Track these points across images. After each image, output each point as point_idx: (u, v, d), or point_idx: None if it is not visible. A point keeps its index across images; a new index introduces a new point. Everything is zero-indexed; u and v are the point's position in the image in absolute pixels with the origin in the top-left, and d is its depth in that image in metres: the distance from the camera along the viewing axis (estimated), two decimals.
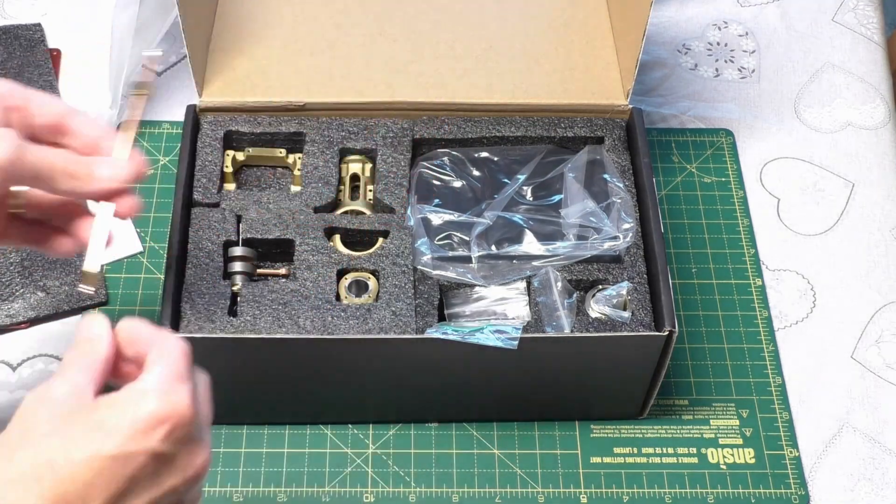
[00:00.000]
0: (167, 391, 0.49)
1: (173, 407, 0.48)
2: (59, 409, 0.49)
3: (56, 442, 0.47)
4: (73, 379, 0.50)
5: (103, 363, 0.51)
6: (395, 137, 0.82)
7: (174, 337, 0.52)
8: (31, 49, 0.98)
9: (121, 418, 0.48)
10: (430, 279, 0.77)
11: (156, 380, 0.49)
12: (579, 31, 0.89)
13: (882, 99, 1.01)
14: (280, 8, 0.90)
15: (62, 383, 0.50)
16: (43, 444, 0.47)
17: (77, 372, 0.50)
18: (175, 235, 0.75)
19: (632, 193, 0.80)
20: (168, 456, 0.48)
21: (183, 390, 0.49)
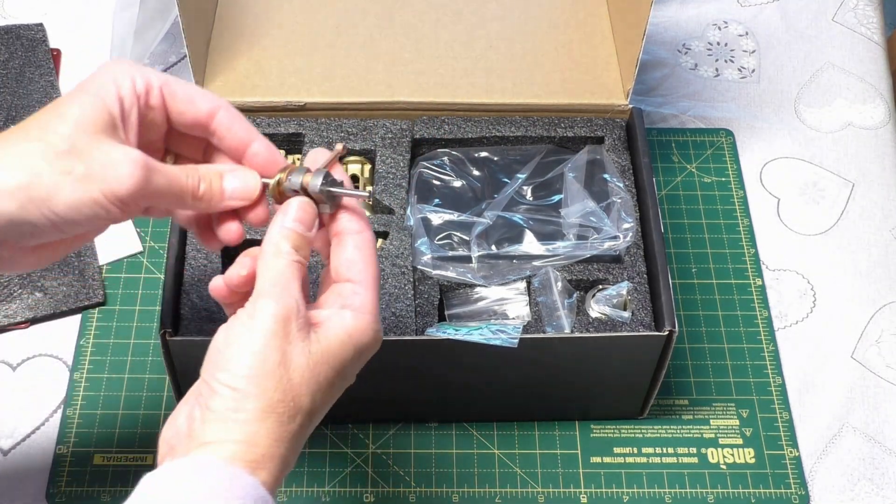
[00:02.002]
0: (377, 327, 0.56)
1: (378, 340, 0.56)
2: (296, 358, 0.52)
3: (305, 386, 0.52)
4: (302, 310, 0.53)
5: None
6: (395, 138, 0.82)
7: (371, 247, 0.57)
8: (32, 49, 0.98)
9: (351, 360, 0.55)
10: (430, 279, 0.77)
11: (368, 314, 0.55)
12: (579, 31, 0.89)
13: (882, 99, 1.01)
14: (280, 8, 0.90)
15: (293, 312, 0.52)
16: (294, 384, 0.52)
17: (302, 295, 0.54)
18: (174, 236, 0.75)
19: (632, 193, 0.80)
20: None
21: (380, 321, 0.56)
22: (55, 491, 0.77)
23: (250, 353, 0.51)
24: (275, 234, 0.55)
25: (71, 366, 0.83)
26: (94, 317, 0.85)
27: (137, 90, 0.55)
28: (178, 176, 0.55)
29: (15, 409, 0.81)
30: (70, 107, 0.53)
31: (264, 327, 0.51)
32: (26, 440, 0.79)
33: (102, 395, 0.81)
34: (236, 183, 0.57)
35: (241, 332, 0.52)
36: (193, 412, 0.51)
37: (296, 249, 0.54)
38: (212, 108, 0.57)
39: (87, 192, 0.52)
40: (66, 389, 0.81)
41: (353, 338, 0.54)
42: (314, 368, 0.52)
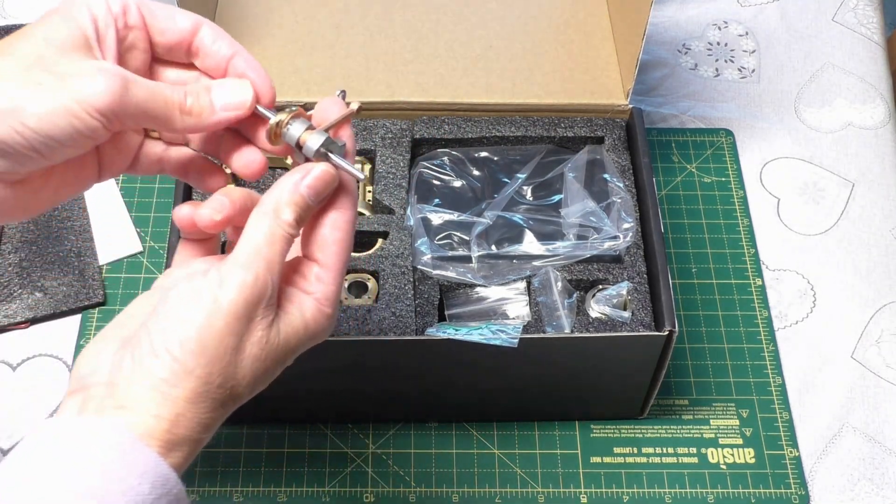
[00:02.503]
0: (331, 318, 0.52)
1: (328, 331, 0.53)
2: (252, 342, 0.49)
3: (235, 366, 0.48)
4: (273, 297, 0.50)
5: None
6: (395, 138, 0.82)
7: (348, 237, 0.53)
8: None
9: (299, 349, 0.51)
10: (430, 279, 0.77)
11: (326, 304, 0.52)
12: (579, 31, 0.89)
13: (882, 99, 1.01)
14: (280, 8, 0.90)
15: (264, 296, 0.49)
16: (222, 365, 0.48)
17: (278, 279, 0.50)
18: (175, 236, 0.75)
19: (632, 193, 0.80)
20: None
21: (336, 313, 0.53)
22: None
23: (207, 329, 0.47)
24: (283, 194, 0.50)
25: (71, 366, 0.83)
26: (94, 317, 0.85)
27: (113, 10, 0.51)
28: (160, 89, 0.51)
29: (15, 409, 0.81)
30: (38, 27, 0.49)
31: (231, 307, 0.47)
32: None
33: None
34: (226, 94, 0.52)
35: (205, 299, 0.47)
36: (123, 359, 0.47)
37: (297, 221, 0.50)
38: (194, 24, 0.53)
39: (60, 102, 0.47)
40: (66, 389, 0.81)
41: (309, 329, 0.51)
42: (265, 361, 0.49)
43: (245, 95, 0.52)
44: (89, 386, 0.47)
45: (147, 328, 0.47)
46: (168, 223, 0.79)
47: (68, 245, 0.87)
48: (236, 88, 0.52)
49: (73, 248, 0.87)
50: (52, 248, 0.86)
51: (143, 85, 0.50)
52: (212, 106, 0.52)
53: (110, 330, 0.50)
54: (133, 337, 0.48)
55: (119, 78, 0.48)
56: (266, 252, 0.49)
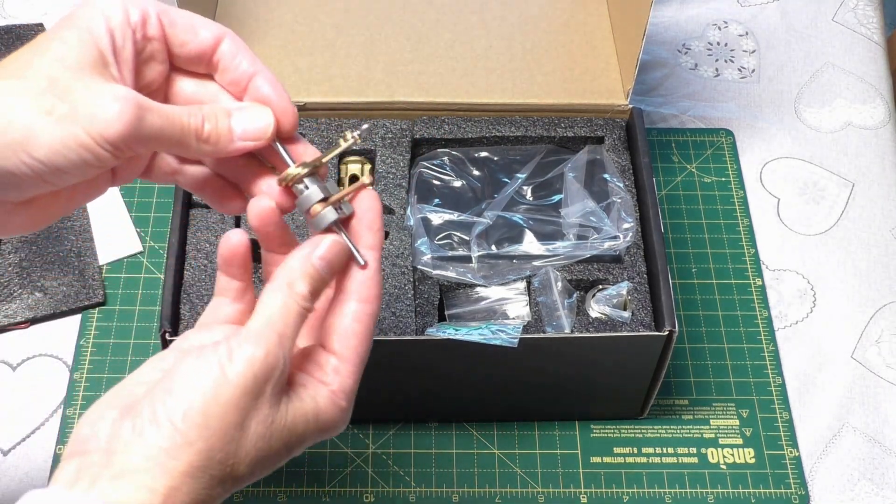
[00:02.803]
0: (345, 414, 0.50)
1: (339, 429, 0.51)
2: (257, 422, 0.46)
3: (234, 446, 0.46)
4: (284, 375, 0.47)
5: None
6: (395, 138, 0.82)
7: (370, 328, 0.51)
8: None
9: (307, 439, 0.49)
10: (430, 279, 0.77)
11: (340, 399, 0.50)
12: (579, 31, 0.89)
13: (882, 99, 1.01)
14: (279, 8, 0.90)
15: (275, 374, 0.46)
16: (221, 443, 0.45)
17: (289, 358, 0.48)
18: (174, 236, 0.75)
19: (632, 193, 0.80)
20: None
21: (347, 405, 0.51)
22: None
23: (213, 402, 0.44)
24: (295, 266, 0.49)
25: (71, 366, 0.83)
26: (94, 317, 0.85)
27: (131, 21, 0.49)
28: (177, 115, 0.48)
29: (15, 409, 0.81)
30: (52, 42, 0.47)
31: (238, 381, 0.45)
32: (26, 440, 0.79)
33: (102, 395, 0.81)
34: (246, 121, 0.50)
35: (213, 371, 0.45)
36: (122, 427, 0.45)
37: (311, 294, 0.48)
38: (216, 36, 0.51)
39: (70, 133, 0.45)
40: (66, 389, 0.81)
41: (319, 421, 0.48)
42: (268, 441, 0.46)
43: (266, 124, 0.50)
44: (88, 451, 0.45)
45: (151, 397, 0.45)
46: (168, 223, 0.79)
47: (68, 245, 0.87)
48: (257, 116, 0.50)
49: (73, 248, 0.87)
50: (52, 248, 0.86)
51: (159, 112, 0.48)
52: (230, 133, 0.50)
53: (115, 393, 0.48)
54: (136, 405, 0.45)
55: (134, 107, 0.46)
56: (279, 326, 0.47)
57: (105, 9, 0.48)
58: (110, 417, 0.46)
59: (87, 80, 0.46)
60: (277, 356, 0.46)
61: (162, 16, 0.50)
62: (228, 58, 0.51)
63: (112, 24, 0.48)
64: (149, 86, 0.51)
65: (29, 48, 0.48)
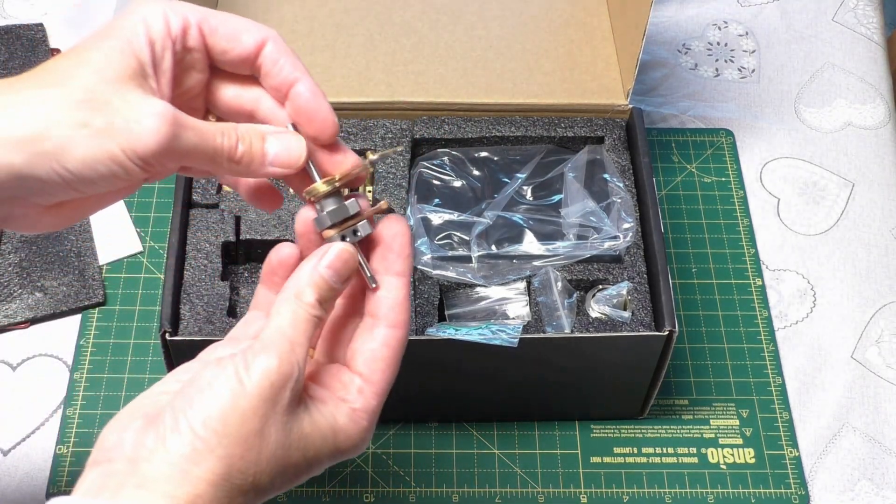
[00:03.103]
0: (366, 439, 0.50)
1: (358, 451, 0.50)
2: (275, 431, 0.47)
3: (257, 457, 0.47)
4: (300, 384, 0.48)
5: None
6: (395, 138, 0.82)
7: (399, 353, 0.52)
8: (32, 49, 0.98)
9: (326, 457, 0.49)
10: (430, 279, 0.77)
11: (363, 423, 0.50)
12: (579, 31, 0.89)
13: (882, 99, 1.01)
14: (280, 8, 0.90)
15: (290, 383, 0.47)
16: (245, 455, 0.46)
17: (304, 367, 0.48)
18: (175, 236, 0.75)
19: (632, 193, 0.80)
20: None
21: (370, 436, 0.51)
22: (55, 491, 0.77)
23: (231, 409, 0.45)
24: (303, 277, 0.49)
25: (71, 366, 0.83)
26: (94, 317, 0.85)
27: (172, 31, 0.49)
28: (211, 134, 0.49)
29: (15, 409, 0.81)
30: (93, 52, 0.47)
31: (255, 390, 0.46)
32: (26, 440, 0.79)
33: (102, 395, 0.81)
34: (279, 148, 0.50)
35: (231, 381, 0.46)
36: (146, 435, 0.45)
37: (320, 302, 0.49)
38: (258, 41, 0.51)
39: (104, 148, 0.46)
40: (66, 389, 0.81)
41: (338, 438, 0.49)
42: (287, 450, 0.47)
43: (298, 155, 0.50)
44: (112, 460, 0.45)
45: (172, 406, 0.46)
46: (168, 223, 0.79)
47: (68, 245, 0.87)
48: (292, 145, 0.51)
49: (73, 248, 0.87)
50: (52, 248, 0.86)
51: (194, 129, 0.48)
52: (263, 158, 0.50)
53: (139, 403, 0.48)
54: (160, 414, 0.46)
55: (170, 124, 0.47)
56: (290, 334, 0.47)
57: (146, 18, 0.49)
58: (135, 427, 0.46)
59: (124, 93, 0.47)
60: (291, 364, 0.47)
61: (202, 24, 0.50)
62: (270, 63, 0.51)
63: (153, 34, 0.48)
64: (188, 92, 0.52)
65: (69, 56, 0.48)
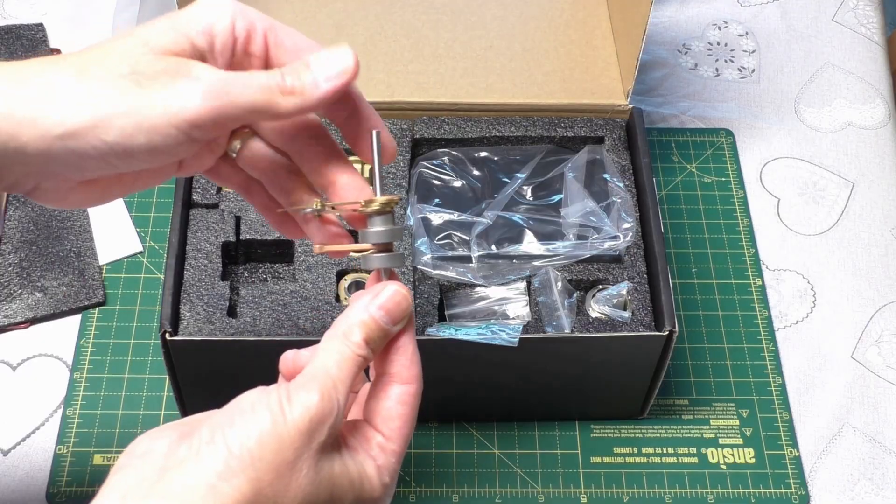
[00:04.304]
0: (388, 489, 0.50)
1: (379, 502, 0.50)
2: (306, 467, 0.46)
3: None
4: (338, 425, 0.48)
5: None
6: (395, 138, 0.82)
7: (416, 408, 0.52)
8: (32, 49, 0.98)
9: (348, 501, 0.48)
10: (430, 279, 0.77)
11: (386, 473, 0.49)
12: (579, 31, 0.89)
13: (882, 99, 1.01)
14: (280, 8, 0.90)
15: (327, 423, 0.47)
16: None
17: (344, 409, 0.48)
18: (174, 236, 0.75)
19: (632, 193, 0.80)
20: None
21: (393, 487, 0.50)
22: (55, 491, 0.77)
23: (270, 436, 0.44)
24: (353, 316, 0.49)
25: (71, 366, 0.83)
26: (94, 317, 0.85)
27: (236, 32, 0.47)
28: (255, 76, 0.46)
29: (15, 409, 0.81)
30: (143, 28, 0.46)
31: (295, 423, 0.45)
32: (26, 440, 0.79)
33: (102, 395, 0.81)
34: (327, 63, 0.48)
35: (272, 411, 0.45)
36: (179, 446, 0.45)
37: (367, 342, 0.48)
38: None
39: (144, 116, 0.44)
40: (66, 389, 0.81)
41: (364, 487, 0.48)
42: (316, 487, 0.46)
43: (347, 61, 0.48)
44: (141, 466, 0.45)
45: (210, 422, 0.46)
46: (168, 223, 0.79)
47: (68, 245, 0.87)
48: (336, 56, 0.48)
49: (73, 248, 0.87)
50: (52, 248, 0.86)
51: (239, 81, 0.46)
52: (315, 80, 0.47)
53: (177, 422, 0.48)
54: (195, 430, 0.46)
55: (217, 86, 0.45)
56: (334, 373, 0.47)
57: (213, 11, 0.47)
58: (169, 437, 0.46)
59: (168, 60, 0.45)
60: (332, 400, 0.46)
61: (269, 33, 0.48)
62: (279, 39, 0.49)
63: (215, 27, 0.47)
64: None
65: (117, 36, 0.47)
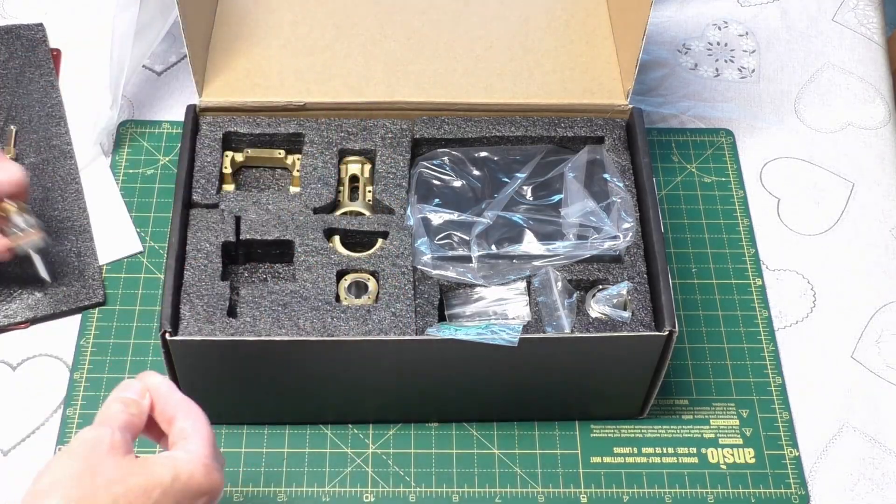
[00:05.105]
0: (210, 469, 0.57)
1: (213, 484, 0.57)
2: (105, 469, 0.56)
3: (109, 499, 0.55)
4: (116, 437, 0.57)
5: (141, 425, 0.60)
6: (395, 138, 0.82)
7: (202, 413, 0.60)
8: (32, 49, 0.98)
9: (170, 486, 0.56)
10: (430, 279, 0.77)
11: (199, 455, 0.58)
12: (579, 31, 0.89)
13: (882, 99, 1.01)
14: (280, 8, 0.90)
15: (109, 435, 0.57)
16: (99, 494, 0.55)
17: (119, 430, 0.58)
18: (174, 236, 0.75)
19: (632, 193, 0.80)
20: None
21: (219, 470, 0.58)
22: None
23: (57, 463, 0.55)
24: (113, 393, 0.61)
25: (71, 366, 0.83)
26: (94, 317, 0.85)
27: None
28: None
29: (15, 409, 0.81)
30: None
31: (73, 446, 0.56)
32: (26, 440, 0.79)
33: (102, 395, 0.81)
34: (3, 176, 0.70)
35: (61, 452, 0.57)
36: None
37: (125, 405, 0.59)
38: None
39: None
40: (66, 389, 0.81)
41: (179, 473, 0.56)
42: (125, 480, 0.55)
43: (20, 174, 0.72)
44: None
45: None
46: (168, 223, 0.79)
47: (68, 245, 0.87)
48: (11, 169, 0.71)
49: (73, 248, 0.87)
50: (52, 248, 0.86)
51: None
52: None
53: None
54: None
55: None
56: (104, 417, 0.59)
57: None
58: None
59: None
60: (104, 429, 0.57)
61: None
62: None
63: None
64: None
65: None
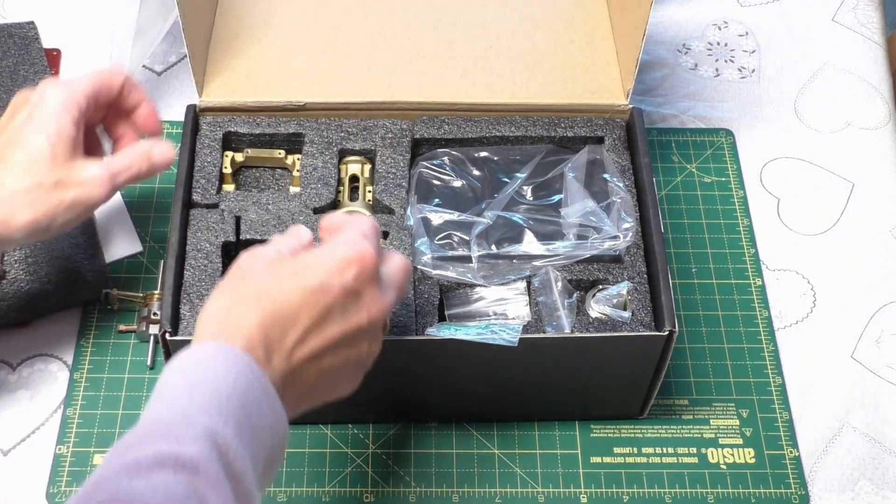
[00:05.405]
0: (355, 242, 0.60)
1: (360, 253, 0.59)
2: (269, 259, 0.60)
3: (271, 278, 0.59)
4: (279, 247, 0.61)
5: (306, 245, 0.63)
6: (395, 138, 0.82)
7: (367, 216, 0.66)
8: (25, 47, 0.98)
9: (321, 260, 0.59)
10: (430, 279, 0.77)
11: (347, 236, 0.61)
12: (579, 31, 0.89)
13: (882, 99, 1.01)
14: (280, 8, 0.90)
15: (271, 247, 0.61)
16: (259, 278, 0.59)
17: (283, 245, 0.62)
18: (174, 236, 0.75)
19: (632, 193, 0.80)
20: (356, 292, 0.59)
21: (367, 243, 0.60)
22: (55, 491, 0.77)
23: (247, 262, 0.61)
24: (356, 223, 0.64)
25: (71, 366, 0.83)
26: (94, 317, 0.85)
27: (82, 109, 0.71)
28: (126, 166, 0.72)
29: (15, 409, 0.81)
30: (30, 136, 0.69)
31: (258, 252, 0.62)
32: (26, 440, 0.79)
33: (102, 395, 0.81)
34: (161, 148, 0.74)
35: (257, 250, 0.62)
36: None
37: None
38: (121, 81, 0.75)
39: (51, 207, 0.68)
40: (66, 389, 0.81)
41: (335, 252, 0.60)
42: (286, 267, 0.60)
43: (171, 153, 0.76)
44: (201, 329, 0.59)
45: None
46: (168, 223, 0.79)
47: (68, 245, 0.87)
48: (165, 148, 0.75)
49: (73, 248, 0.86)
50: (52, 248, 0.86)
51: (118, 169, 0.73)
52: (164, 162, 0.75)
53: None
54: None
55: (109, 176, 0.71)
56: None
57: (63, 103, 0.71)
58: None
59: (68, 167, 0.69)
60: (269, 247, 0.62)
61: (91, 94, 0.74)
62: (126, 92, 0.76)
63: (73, 116, 0.71)
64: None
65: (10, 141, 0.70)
